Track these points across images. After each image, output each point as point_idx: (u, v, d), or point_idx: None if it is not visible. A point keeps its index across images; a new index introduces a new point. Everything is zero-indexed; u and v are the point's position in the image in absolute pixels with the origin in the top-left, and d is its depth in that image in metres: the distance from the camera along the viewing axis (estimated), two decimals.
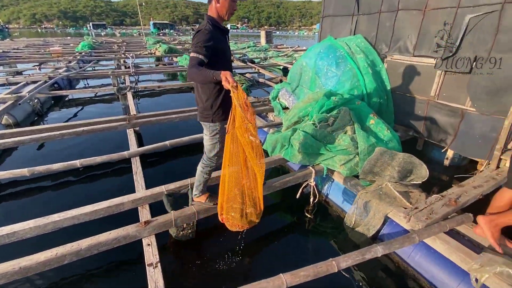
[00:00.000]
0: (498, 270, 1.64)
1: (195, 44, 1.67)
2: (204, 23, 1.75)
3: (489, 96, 2.65)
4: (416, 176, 2.51)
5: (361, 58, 3.59)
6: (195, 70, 1.60)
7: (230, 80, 1.52)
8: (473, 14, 2.64)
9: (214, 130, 1.98)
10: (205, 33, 1.68)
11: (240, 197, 1.91)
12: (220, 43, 1.80)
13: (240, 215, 1.96)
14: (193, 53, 1.66)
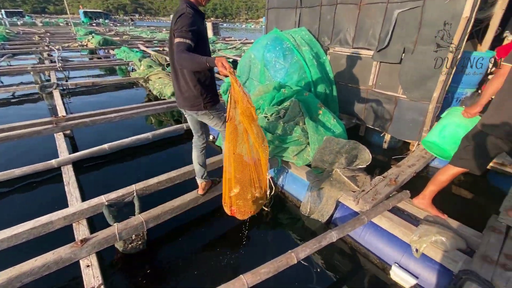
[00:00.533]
0: (433, 239, 1.85)
1: (179, 29, 1.55)
2: (184, 7, 1.63)
3: (416, 84, 2.96)
4: (361, 160, 2.69)
5: (307, 50, 3.68)
6: (186, 56, 1.49)
7: (227, 66, 1.44)
8: (401, 9, 2.89)
9: (216, 114, 1.93)
10: (189, 17, 1.57)
11: (247, 184, 1.85)
12: (201, 27, 1.70)
13: (249, 201, 1.90)
14: (179, 38, 1.54)
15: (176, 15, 1.62)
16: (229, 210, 2.00)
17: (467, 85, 3.51)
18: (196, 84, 1.77)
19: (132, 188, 2.25)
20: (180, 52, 1.51)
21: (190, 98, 1.83)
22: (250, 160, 1.78)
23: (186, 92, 1.81)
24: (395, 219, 2.10)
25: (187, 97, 1.83)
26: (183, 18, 1.57)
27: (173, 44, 1.62)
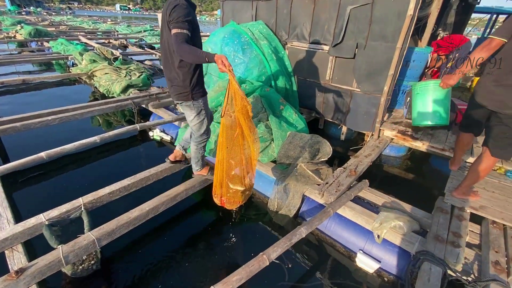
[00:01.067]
0: (392, 224, 1.97)
1: (175, 20, 1.55)
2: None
3: (368, 78, 3.13)
4: (323, 153, 2.76)
5: (265, 44, 3.64)
6: (187, 49, 1.52)
7: (227, 64, 1.50)
8: (353, 5, 3.00)
9: (198, 107, 1.95)
10: (184, 7, 1.59)
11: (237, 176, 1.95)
12: (195, 18, 1.72)
13: (238, 192, 2.01)
14: (177, 29, 1.55)
15: (170, 6, 1.59)
16: (219, 201, 2.10)
17: (410, 78, 3.84)
18: (186, 76, 1.81)
19: (79, 202, 1.97)
20: (180, 43, 1.53)
21: (179, 90, 1.87)
22: (241, 154, 1.86)
23: (176, 83, 1.86)
24: (357, 208, 2.19)
25: (176, 89, 1.88)
26: (178, 9, 1.57)
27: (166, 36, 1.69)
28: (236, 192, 2.00)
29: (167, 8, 1.61)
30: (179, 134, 3.04)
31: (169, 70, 1.86)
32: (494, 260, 1.64)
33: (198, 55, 1.53)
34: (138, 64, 6.05)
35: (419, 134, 3.15)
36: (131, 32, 14.36)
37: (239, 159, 1.88)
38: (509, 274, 1.55)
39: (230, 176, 1.94)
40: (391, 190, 2.81)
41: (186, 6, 1.61)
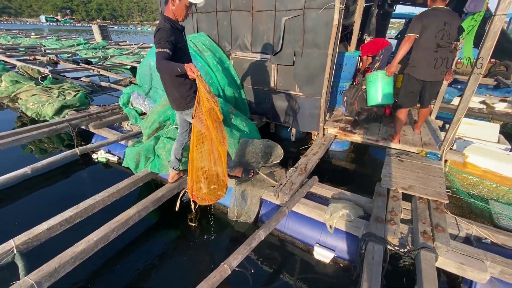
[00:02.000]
0: (341, 213, 2.17)
1: (158, 41, 1.79)
2: (162, 22, 1.87)
3: (308, 82, 3.40)
4: (275, 156, 2.90)
5: (210, 56, 3.68)
6: (164, 64, 1.74)
7: (194, 71, 1.70)
8: (287, 17, 3.24)
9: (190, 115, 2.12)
10: (166, 30, 1.81)
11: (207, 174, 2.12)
12: (179, 41, 1.94)
13: (208, 190, 2.17)
14: (158, 49, 1.77)
15: (156, 29, 1.86)
16: (191, 195, 2.25)
17: (345, 79, 4.27)
18: (178, 87, 2.04)
19: (10, 245, 1.72)
20: (159, 60, 1.75)
21: (175, 100, 2.11)
22: (210, 155, 2.04)
23: (173, 95, 2.09)
24: (310, 203, 2.35)
25: (173, 99, 2.12)
26: (161, 32, 1.81)
27: None
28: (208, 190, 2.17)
29: (155, 31, 1.87)
30: (127, 153, 2.88)
31: (165, 85, 2.11)
32: (422, 230, 1.93)
33: (172, 67, 1.73)
34: (73, 82, 5.53)
35: (357, 129, 3.52)
36: (61, 46, 13.03)
37: (208, 159, 2.07)
38: (434, 240, 1.84)
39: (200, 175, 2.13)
40: (339, 181, 3.08)
41: (168, 29, 1.83)
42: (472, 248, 1.89)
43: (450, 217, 2.20)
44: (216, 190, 2.19)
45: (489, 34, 2.34)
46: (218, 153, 2.02)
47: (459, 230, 2.09)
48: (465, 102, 2.56)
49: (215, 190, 2.19)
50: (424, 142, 3.14)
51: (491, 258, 1.80)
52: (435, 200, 2.25)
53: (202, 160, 2.08)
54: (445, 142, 2.85)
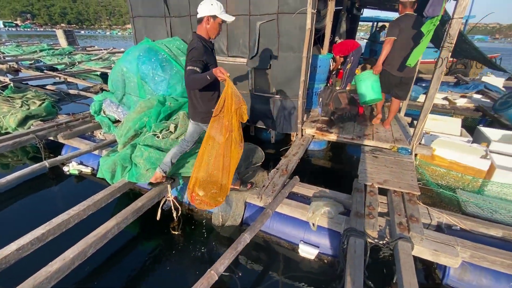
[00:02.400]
0: (322, 211, 2.23)
1: (190, 59, 1.90)
2: (195, 41, 1.97)
3: (284, 85, 3.47)
4: (257, 159, 2.92)
5: (185, 60, 3.62)
6: (192, 78, 1.86)
7: (224, 72, 1.81)
8: (261, 21, 3.29)
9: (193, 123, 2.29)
10: (199, 50, 1.91)
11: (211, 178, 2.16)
12: (210, 59, 2.04)
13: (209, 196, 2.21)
14: (190, 66, 1.87)
15: (189, 47, 1.96)
16: (190, 196, 2.27)
17: (319, 81, 4.41)
18: (208, 102, 2.12)
19: None
20: (187, 76, 1.88)
21: (201, 113, 2.15)
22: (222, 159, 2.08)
23: (197, 108, 2.16)
24: (293, 203, 2.40)
25: (199, 113, 2.17)
26: (194, 51, 1.91)
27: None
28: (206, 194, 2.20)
29: (187, 49, 1.98)
30: (102, 164, 2.75)
31: (191, 99, 2.16)
32: (398, 222, 2.04)
33: (201, 78, 1.84)
34: (37, 91, 5.19)
35: (333, 128, 3.64)
36: (23, 52, 12.15)
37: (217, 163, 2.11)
38: (409, 230, 1.95)
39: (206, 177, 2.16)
40: (320, 180, 3.17)
41: (201, 49, 1.92)
42: (444, 235, 2.03)
43: (422, 207, 2.35)
44: (216, 195, 2.22)
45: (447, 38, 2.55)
46: (229, 158, 2.10)
47: (431, 219, 2.24)
48: (430, 100, 2.76)
49: (216, 195, 2.22)
50: (395, 138, 3.32)
51: (461, 244, 1.95)
52: (408, 193, 2.39)
53: (209, 163, 2.12)
54: (414, 137, 3.04)
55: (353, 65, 4.97)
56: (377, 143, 3.28)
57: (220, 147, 2.05)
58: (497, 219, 2.66)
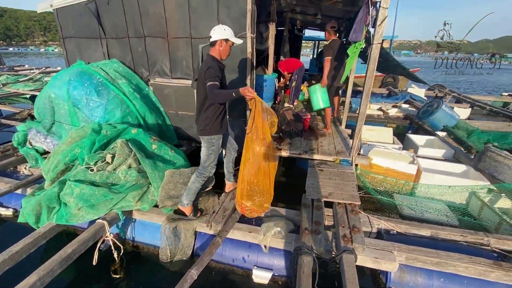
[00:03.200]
0: (273, 232, 2.23)
1: (210, 76, 2.08)
2: (210, 61, 2.18)
3: (232, 106, 3.50)
4: (207, 183, 2.83)
5: (124, 83, 3.43)
6: (217, 92, 2.09)
7: (252, 91, 2.10)
8: (203, 44, 3.30)
9: (209, 142, 2.38)
10: (215, 69, 2.12)
11: (256, 188, 2.41)
12: (222, 78, 2.24)
13: (257, 204, 2.42)
14: (211, 82, 2.06)
15: (206, 67, 2.14)
16: (240, 208, 2.41)
17: (267, 99, 4.57)
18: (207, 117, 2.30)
19: None
20: (212, 90, 2.06)
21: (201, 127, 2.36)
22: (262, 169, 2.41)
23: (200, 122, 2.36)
24: (244, 227, 2.36)
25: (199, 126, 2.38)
26: (211, 70, 2.11)
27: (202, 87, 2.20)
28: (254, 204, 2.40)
29: (204, 68, 2.16)
30: (24, 205, 2.38)
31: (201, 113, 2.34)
32: (342, 234, 2.14)
33: (227, 94, 2.12)
34: None
35: (282, 145, 3.76)
36: None
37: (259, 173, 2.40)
38: (352, 242, 2.06)
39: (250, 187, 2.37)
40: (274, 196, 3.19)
41: (216, 67, 2.14)
42: (383, 242, 2.18)
43: (363, 216, 2.52)
44: (262, 202, 2.45)
45: (370, 59, 2.86)
46: (269, 167, 2.45)
47: (372, 227, 2.41)
48: (362, 115, 3.04)
49: (262, 202, 2.45)
50: (337, 151, 3.56)
51: (397, 248, 2.11)
52: (350, 204, 2.54)
53: (251, 175, 2.37)
54: (352, 149, 3.29)
55: (298, 83, 5.28)
56: (322, 156, 3.47)
57: (259, 158, 2.38)
58: (428, 219, 2.99)
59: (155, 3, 3.34)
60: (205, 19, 3.19)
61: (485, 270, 1.93)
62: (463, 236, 2.31)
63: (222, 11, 3.09)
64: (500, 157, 3.07)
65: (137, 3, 3.44)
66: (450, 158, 3.99)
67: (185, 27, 3.30)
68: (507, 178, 3.00)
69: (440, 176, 3.29)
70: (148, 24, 3.48)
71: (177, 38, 3.41)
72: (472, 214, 3.03)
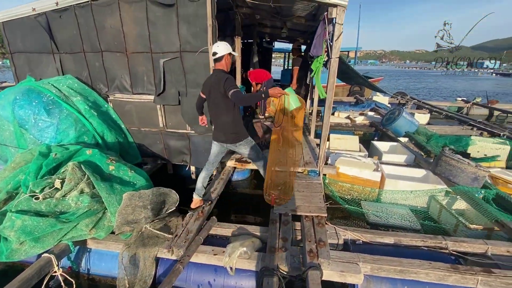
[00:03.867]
0: (239, 253, 2.14)
1: (231, 85, 2.25)
2: (222, 73, 2.39)
3: (196, 121, 3.39)
4: (170, 203, 2.69)
5: (79, 100, 3.21)
6: (246, 97, 2.57)
7: (281, 90, 2.24)
8: (164, 58, 3.21)
9: (249, 141, 2.62)
10: (231, 78, 2.33)
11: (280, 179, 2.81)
12: None
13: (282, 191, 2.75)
14: (234, 89, 2.22)
15: (223, 79, 2.29)
16: (269, 197, 2.68)
17: None
18: (238, 123, 2.52)
19: None
20: (238, 95, 2.21)
21: (235, 135, 2.52)
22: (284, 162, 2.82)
23: (231, 130, 2.50)
24: (208, 250, 2.24)
25: (232, 135, 2.52)
26: (231, 79, 2.30)
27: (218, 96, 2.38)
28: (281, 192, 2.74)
29: (220, 80, 2.30)
30: None
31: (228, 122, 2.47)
32: (309, 249, 2.11)
33: (255, 97, 2.49)
34: None
35: None
36: None
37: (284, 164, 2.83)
38: (318, 256, 2.04)
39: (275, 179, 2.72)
40: (246, 211, 3.12)
41: (231, 76, 2.34)
42: (348, 254, 2.18)
43: (330, 227, 2.52)
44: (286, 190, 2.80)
45: (330, 73, 2.96)
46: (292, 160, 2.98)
47: (338, 238, 2.41)
48: (326, 126, 3.10)
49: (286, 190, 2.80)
50: (306, 161, 3.59)
51: (362, 259, 2.12)
52: (317, 216, 2.54)
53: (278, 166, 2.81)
54: (319, 159, 3.34)
55: None
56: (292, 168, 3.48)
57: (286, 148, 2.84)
58: (394, 224, 3.08)
59: (112, 17, 3.22)
60: (165, 33, 3.12)
61: (444, 275, 1.99)
62: (424, 241, 2.38)
63: (182, 26, 3.04)
64: (454, 161, 3.27)
65: (92, 17, 3.29)
66: (411, 163, 4.20)
67: (145, 41, 3.19)
68: (461, 181, 3.19)
69: (403, 181, 3.43)
70: (105, 39, 3.33)
71: (137, 53, 3.28)
72: (433, 217, 3.17)
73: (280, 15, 4.28)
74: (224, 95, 2.29)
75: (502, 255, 2.28)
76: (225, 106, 2.38)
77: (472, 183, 3.16)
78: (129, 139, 3.66)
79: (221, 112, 2.43)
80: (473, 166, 3.15)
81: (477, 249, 2.31)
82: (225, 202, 3.61)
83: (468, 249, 2.32)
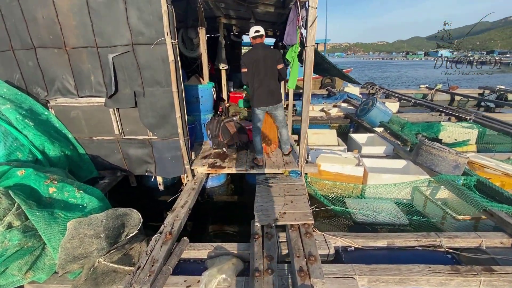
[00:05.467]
0: (217, 281, 1.80)
1: (281, 59, 2.89)
2: (269, 47, 2.95)
3: (159, 124, 2.96)
4: (130, 226, 2.25)
5: (10, 109, 2.62)
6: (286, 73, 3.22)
7: None
8: (113, 53, 2.71)
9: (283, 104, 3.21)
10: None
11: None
12: None
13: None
14: (282, 64, 2.87)
15: (277, 52, 2.98)
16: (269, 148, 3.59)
17: (206, 111, 4.12)
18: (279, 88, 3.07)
19: None
20: (285, 71, 2.86)
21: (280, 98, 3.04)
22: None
23: (278, 94, 3.01)
24: (180, 281, 1.87)
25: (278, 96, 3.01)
26: (280, 54, 2.94)
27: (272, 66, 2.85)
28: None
29: (275, 52, 2.89)
30: None
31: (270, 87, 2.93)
32: (298, 267, 1.83)
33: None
34: None
35: (226, 162, 3.36)
36: None
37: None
38: (310, 275, 1.76)
39: None
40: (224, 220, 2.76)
41: None
42: (342, 266, 1.94)
43: (319, 235, 2.26)
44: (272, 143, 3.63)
45: (306, 63, 2.67)
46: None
47: (329, 248, 2.15)
48: (305, 122, 2.83)
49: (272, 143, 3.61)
50: (286, 162, 3.31)
51: (358, 271, 1.88)
52: (303, 224, 2.26)
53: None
54: (300, 158, 3.07)
55: None
56: (270, 169, 3.18)
57: None
58: (382, 222, 2.91)
59: (44, 6, 2.64)
60: (112, 23, 2.62)
61: (445, 279, 1.81)
62: (418, 241, 2.21)
63: (132, 13, 2.56)
64: (434, 149, 3.18)
65: (19, 6, 2.68)
66: (391, 153, 4.11)
67: (87, 34, 2.67)
68: (443, 169, 3.11)
69: (385, 175, 3.29)
70: (37, 32, 2.74)
71: (78, 48, 2.74)
72: (418, 209, 3.06)
73: (246, 2, 3.91)
74: (275, 64, 2.80)
75: (496, 247, 2.18)
76: (276, 74, 2.87)
77: (454, 171, 3.09)
78: (80, 151, 3.10)
79: (273, 78, 2.88)
80: (453, 154, 3.08)
81: (471, 244, 2.19)
82: (200, 214, 3.23)
83: (463, 244, 2.19)
